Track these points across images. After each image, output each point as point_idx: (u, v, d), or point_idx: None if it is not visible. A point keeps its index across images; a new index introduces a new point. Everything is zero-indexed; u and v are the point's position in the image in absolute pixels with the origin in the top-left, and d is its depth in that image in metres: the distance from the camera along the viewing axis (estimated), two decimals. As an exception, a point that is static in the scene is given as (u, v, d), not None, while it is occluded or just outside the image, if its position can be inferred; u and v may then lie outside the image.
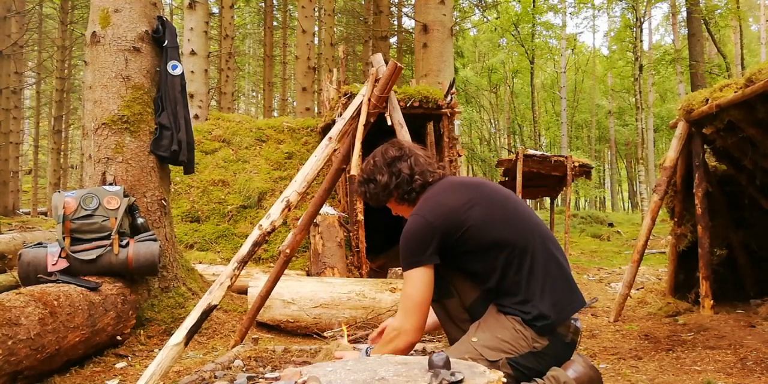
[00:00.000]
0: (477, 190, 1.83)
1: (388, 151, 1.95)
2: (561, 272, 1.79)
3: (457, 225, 1.74)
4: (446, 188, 1.85)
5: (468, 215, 1.74)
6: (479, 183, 1.89)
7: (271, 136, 8.45)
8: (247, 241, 2.48)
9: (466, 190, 1.83)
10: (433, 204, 1.79)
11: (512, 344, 1.71)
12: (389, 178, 1.90)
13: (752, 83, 3.49)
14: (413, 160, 1.91)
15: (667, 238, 10.49)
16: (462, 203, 1.77)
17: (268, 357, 2.43)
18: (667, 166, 4.43)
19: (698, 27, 15.69)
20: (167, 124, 3.79)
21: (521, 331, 1.71)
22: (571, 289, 1.80)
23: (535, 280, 1.73)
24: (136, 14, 3.77)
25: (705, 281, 4.24)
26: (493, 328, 1.75)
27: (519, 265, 1.73)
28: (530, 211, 1.89)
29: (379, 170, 1.93)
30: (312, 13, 12.89)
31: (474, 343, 1.74)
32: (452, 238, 1.74)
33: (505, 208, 1.80)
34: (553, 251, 1.81)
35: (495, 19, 22.32)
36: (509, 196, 1.86)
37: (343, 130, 2.71)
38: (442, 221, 1.74)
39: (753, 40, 27.04)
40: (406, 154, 1.93)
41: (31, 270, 3.13)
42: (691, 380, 2.75)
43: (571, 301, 1.78)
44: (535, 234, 1.79)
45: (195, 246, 6.67)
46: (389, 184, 1.90)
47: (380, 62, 2.75)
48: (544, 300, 1.71)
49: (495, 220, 1.76)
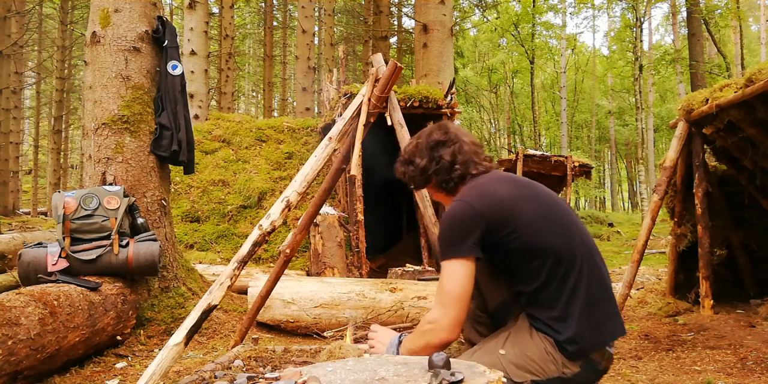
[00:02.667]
0: (529, 187, 1.70)
1: (432, 134, 1.82)
2: (605, 294, 1.64)
3: (506, 219, 1.59)
4: (495, 179, 1.71)
5: (520, 211, 1.60)
6: (530, 182, 1.75)
7: (271, 136, 8.46)
8: (247, 241, 2.48)
9: (517, 185, 1.70)
10: (480, 192, 1.65)
11: (540, 366, 1.59)
12: (428, 162, 1.78)
13: (752, 83, 3.49)
14: (457, 148, 1.77)
15: (667, 238, 10.49)
16: (513, 196, 1.63)
17: (268, 357, 2.43)
18: (667, 166, 4.43)
19: (698, 27, 15.69)
20: (167, 124, 3.79)
21: (552, 354, 1.59)
22: (614, 314, 1.65)
23: (577, 298, 1.58)
24: (136, 14, 3.77)
25: (705, 281, 4.24)
26: (524, 345, 1.62)
27: (564, 278, 1.58)
28: (579, 220, 1.75)
29: (420, 153, 1.80)
30: (312, 13, 12.89)
31: (501, 356, 1.63)
32: (498, 232, 1.59)
33: (557, 213, 1.66)
34: (601, 269, 1.66)
35: (495, 19, 22.32)
36: (560, 202, 1.73)
37: (343, 130, 2.71)
38: (489, 211, 1.59)
39: (753, 40, 27.04)
40: (451, 139, 1.79)
41: (31, 270, 3.12)
42: (691, 380, 2.75)
43: (612, 330, 1.63)
44: (585, 246, 1.65)
45: (195, 246, 6.67)
46: (427, 169, 1.78)
47: (380, 62, 2.75)
48: (582, 322, 1.57)
49: (546, 223, 1.62)
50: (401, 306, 3.75)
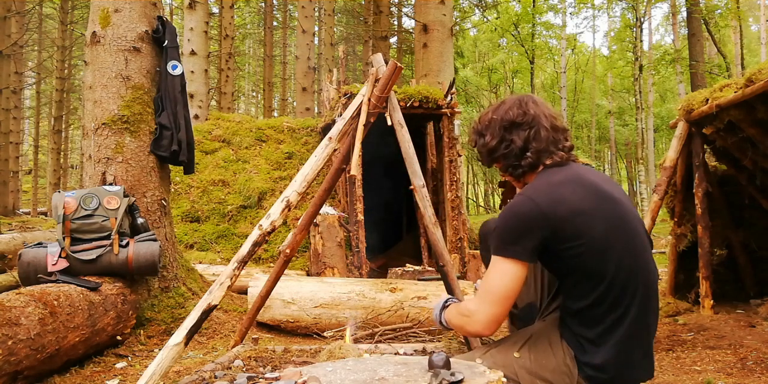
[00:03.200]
0: (609, 200, 1.52)
1: (510, 111, 1.63)
2: (646, 335, 1.54)
3: (575, 232, 1.44)
4: (572, 181, 1.52)
5: (591, 226, 1.45)
6: (611, 193, 1.54)
7: (271, 136, 8.46)
8: (247, 241, 2.48)
9: (597, 194, 1.51)
10: (552, 193, 1.49)
11: (554, 376, 1.52)
12: (498, 143, 1.62)
13: (752, 83, 3.49)
14: (533, 133, 1.58)
15: (667, 238, 10.49)
16: (589, 208, 1.47)
17: (268, 357, 2.43)
18: (667, 166, 4.43)
19: (698, 27, 15.69)
20: (167, 124, 3.79)
21: (569, 367, 1.51)
22: (647, 358, 1.55)
23: (619, 330, 1.48)
24: (136, 14, 3.77)
25: (705, 281, 4.24)
26: (542, 352, 1.55)
27: (610, 306, 1.48)
28: (647, 242, 1.58)
29: (492, 130, 1.64)
30: (312, 13, 12.89)
31: (515, 359, 1.56)
32: (562, 244, 1.46)
33: (628, 234, 1.51)
34: (650, 308, 1.54)
35: (495, 19, 22.32)
36: (634, 218, 1.55)
37: (343, 130, 2.71)
38: (557, 218, 1.44)
39: (753, 40, 27.04)
40: (528, 122, 1.59)
41: (31, 270, 3.12)
42: (691, 380, 2.75)
43: (641, 375, 1.53)
44: (646, 277, 1.52)
45: (195, 246, 6.67)
46: (495, 151, 1.62)
47: (380, 62, 2.75)
48: (614, 355, 1.48)
49: (614, 244, 1.46)
50: (401, 306, 3.75)
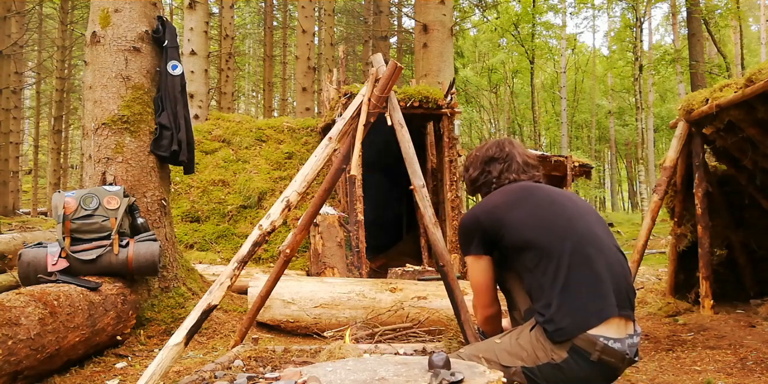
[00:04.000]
0: (527, 191, 1.90)
1: (489, 149, 2.06)
2: (591, 279, 1.68)
3: (497, 222, 1.82)
4: (504, 191, 1.94)
5: (508, 215, 1.82)
6: (535, 187, 1.93)
7: (271, 136, 8.46)
8: (247, 241, 2.48)
9: (518, 192, 1.91)
10: (485, 201, 1.93)
11: (530, 353, 1.68)
12: (479, 175, 2.05)
13: (752, 83, 3.49)
14: (506, 165, 2.00)
15: (667, 238, 10.49)
16: (506, 203, 1.86)
17: (268, 357, 2.43)
18: (667, 166, 4.43)
19: (698, 27, 15.69)
20: (167, 124, 3.79)
21: (541, 341, 1.67)
22: (600, 297, 1.65)
23: (557, 284, 1.67)
24: (136, 14, 3.77)
25: (705, 281, 4.24)
26: (519, 334, 1.76)
27: (544, 268, 1.71)
28: (579, 212, 1.83)
29: (474, 164, 2.08)
30: (312, 13, 12.89)
31: (496, 344, 1.77)
32: (494, 234, 1.83)
33: (547, 210, 1.81)
34: (591, 255, 1.71)
35: (495, 19, 22.31)
36: (557, 199, 1.86)
37: (343, 130, 2.70)
38: (485, 217, 1.86)
39: (753, 40, 27.04)
40: (503, 157, 2.02)
41: (31, 270, 3.12)
42: (691, 380, 2.75)
43: (597, 311, 1.63)
44: (570, 236, 1.73)
45: (195, 246, 6.67)
46: (476, 181, 2.06)
47: (380, 62, 2.75)
48: (560, 306, 1.65)
49: (531, 222, 1.78)
50: (401, 306, 3.75)
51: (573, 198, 1.92)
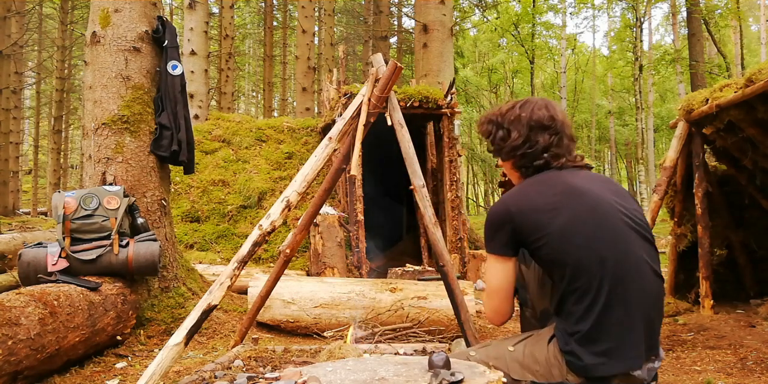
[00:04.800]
0: (570, 193, 1.58)
1: (539, 111, 1.69)
2: (626, 321, 1.50)
3: (535, 229, 1.55)
4: (545, 182, 1.64)
5: (549, 224, 1.54)
6: (578, 187, 1.60)
7: (271, 136, 8.46)
8: (247, 241, 2.48)
9: (561, 193, 1.59)
10: (521, 193, 1.64)
11: (544, 369, 1.56)
12: (523, 143, 1.67)
13: (752, 83, 3.49)
14: (556, 139, 1.67)
15: (667, 238, 10.48)
16: (548, 206, 1.56)
17: (268, 357, 2.43)
18: (667, 166, 4.43)
19: (698, 27, 15.69)
20: (167, 124, 3.79)
21: (558, 360, 1.55)
22: (632, 344, 1.50)
23: (588, 318, 1.50)
24: (136, 14, 3.77)
25: (705, 281, 4.24)
26: (535, 346, 1.61)
27: (577, 295, 1.52)
28: (622, 224, 1.57)
29: (519, 126, 1.68)
30: (312, 13, 12.89)
31: (508, 352, 1.63)
32: (526, 238, 1.58)
33: (591, 226, 1.54)
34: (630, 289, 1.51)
35: (495, 19, 22.31)
36: (600, 207, 1.57)
37: (343, 130, 2.71)
38: (521, 217, 1.57)
39: (753, 40, 27.04)
40: (555, 128, 1.67)
41: (31, 270, 3.12)
42: (691, 380, 2.75)
43: (627, 359, 1.50)
44: (611, 260, 1.51)
45: (195, 246, 6.67)
46: (518, 148, 1.68)
47: (380, 62, 2.75)
48: (589, 346, 1.50)
49: (574, 240, 1.52)
50: (401, 306, 3.75)
51: (615, 199, 1.62)
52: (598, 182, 1.66)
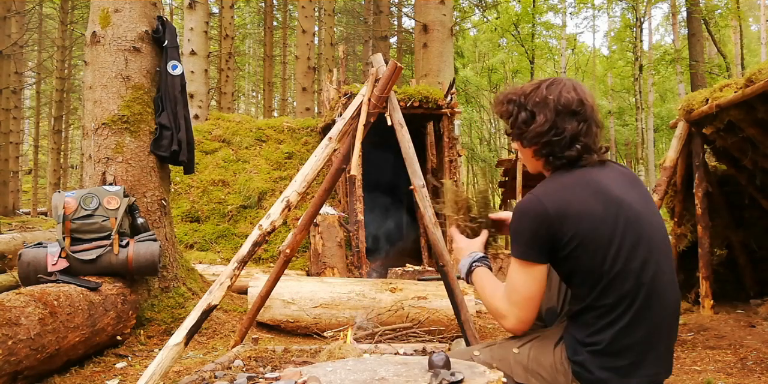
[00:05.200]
0: (615, 204, 1.46)
1: (567, 94, 1.51)
2: (647, 337, 1.44)
3: (571, 234, 1.43)
4: (583, 184, 1.49)
5: (587, 229, 1.43)
6: (622, 197, 1.48)
7: (271, 136, 8.46)
8: (247, 241, 2.48)
9: (604, 199, 1.46)
10: (560, 194, 1.46)
11: (549, 375, 1.51)
12: (548, 129, 1.50)
13: (752, 83, 3.49)
14: (585, 127, 1.51)
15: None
16: (589, 212, 1.43)
17: (268, 357, 2.43)
18: (667, 166, 4.43)
19: (698, 27, 15.69)
20: (167, 124, 3.79)
21: (564, 366, 1.50)
22: (651, 362, 1.45)
23: (607, 333, 1.43)
24: (136, 14, 3.77)
25: (705, 281, 4.24)
26: (542, 351, 1.54)
27: (602, 314, 1.43)
28: (648, 233, 1.47)
29: (546, 110, 1.50)
30: (312, 13, 12.89)
31: (513, 354, 1.56)
32: (561, 244, 1.44)
33: (638, 242, 1.44)
34: (652, 316, 1.45)
35: (495, 19, 22.31)
36: (631, 214, 1.46)
37: (343, 130, 2.71)
38: (560, 221, 1.42)
39: (753, 40, 27.04)
40: (584, 114, 1.52)
41: (31, 270, 3.12)
42: (691, 380, 2.75)
43: (644, 376, 1.44)
44: (647, 286, 1.43)
45: (195, 246, 6.67)
46: (543, 135, 1.50)
47: (380, 62, 2.75)
48: (604, 362, 1.43)
49: (611, 252, 1.42)
50: (401, 306, 3.75)
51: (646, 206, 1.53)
52: (628, 185, 1.54)
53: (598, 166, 1.55)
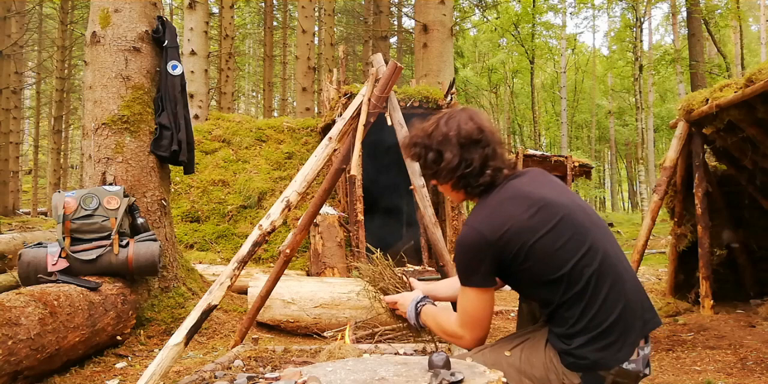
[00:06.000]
0: (549, 205, 1.54)
1: (465, 126, 1.59)
2: (619, 311, 1.51)
3: (518, 249, 1.49)
4: (509, 200, 1.57)
5: (532, 238, 1.49)
6: (551, 197, 1.57)
7: (271, 136, 8.46)
8: (247, 241, 2.48)
9: (537, 203, 1.54)
10: (493, 216, 1.54)
11: (541, 375, 1.56)
12: (458, 163, 1.58)
13: (752, 83, 3.49)
14: (490, 151, 1.59)
15: (667, 238, 10.48)
16: (526, 221, 1.50)
17: (268, 357, 2.43)
18: (667, 166, 4.43)
19: (698, 27, 15.70)
20: (167, 124, 3.79)
21: (554, 364, 1.54)
22: (628, 330, 1.51)
23: (583, 318, 1.50)
24: (136, 14, 3.77)
25: (705, 281, 4.24)
26: (533, 351, 1.59)
27: (570, 301, 1.50)
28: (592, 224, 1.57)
29: (450, 146, 1.58)
30: (312, 13, 12.89)
31: (505, 357, 1.61)
32: (510, 261, 1.51)
33: (578, 234, 1.52)
34: (617, 279, 1.52)
35: (495, 19, 22.32)
36: (571, 211, 1.55)
37: (343, 130, 2.71)
38: (500, 241, 1.49)
39: (753, 40, 27.05)
40: (486, 140, 1.59)
41: (31, 270, 3.12)
42: (691, 380, 2.75)
43: (626, 346, 1.50)
44: (595, 259, 1.51)
45: (195, 246, 6.67)
46: (455, 170, 1.58)
47: (380, 62, 2.75)
48: (588, 344, 1.49)
49: (558, 253, 1.49)
50: (401, 306, 3.75)
51: (573, 200, 1.63)
52: (543, 182, 1.64)
53: (518, 178, 1.64)
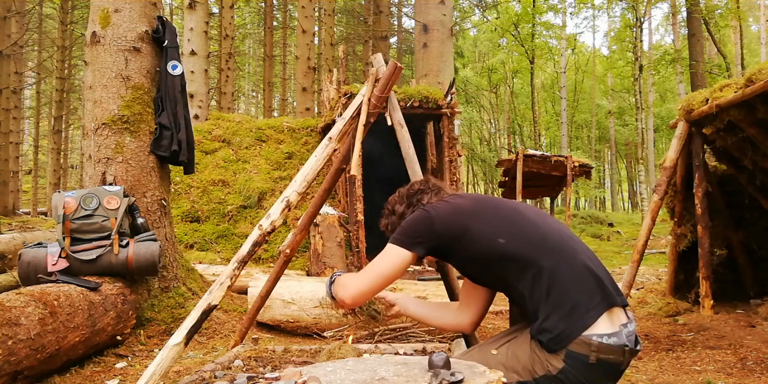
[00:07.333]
0: (484, 200, 1.85)
1: (413, 186, 1.99)
2: (577, 277, 1.62)
3: (458, 226, 1.71)
4: (459, 196, 1.89)
5: (474, 222, 1.71)
6: (484, 197, 1.92)
7: (271, 136, 8.46)
8: (247, 241, 2.48)
9: (475, 199, 1.86)
10: (440, 204, 1.82)
11: (527, 366, 1.62)
12: (406, 208, 1.90)
13: (752, 83, 3.49)
14: (434, 194, 1.91)
15: (667, 238, 10.49)
16: (470, 208, 1.77)
17: (268, 357, 2.43)
18: (667, 166, 4.43)
19: (698, 27, 15.70)
20: (167, 124, 3.79)
21: (537, 353, 1.61)
22: (590, 293, 1.60)
23: (542, 291, 1.60)
24: (136, 14, 3.77)
25: (705, 281, 4.24)
26: (518, 346, 1.68)
27: (526, 278, 1.62)
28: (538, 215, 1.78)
29: (400, 200, 1.95)
30: (312, 13, 12.89)
31: (492, 356, 1.68)
32: (449, 241, 1.72)
33: (512, 216, 1.74)
34: (570, 252, 1.66)
35: (495, 19, 22.32)
36: (517, 207, 1.81)
37: (343, 130, 2.70)
38: (443, 218, 1.73)
39: (753, 40, 27.05)
40: (429, 188, 1.94)
41: (31, 270, 3.12)
42: (691, 380, 2.76)
43: (591, 307, 1.57)
44: (544, 239, 1.67)
45: (195, 246, 6.67)
46: (405, 214, 1.89)
47: (380, 62, 2.75)
48: (552, 315, 1.57)
49: (502, 230, 1.68)
50: (401, 306, 3.75)
51: (521, 204, 1.90)
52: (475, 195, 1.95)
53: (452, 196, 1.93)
